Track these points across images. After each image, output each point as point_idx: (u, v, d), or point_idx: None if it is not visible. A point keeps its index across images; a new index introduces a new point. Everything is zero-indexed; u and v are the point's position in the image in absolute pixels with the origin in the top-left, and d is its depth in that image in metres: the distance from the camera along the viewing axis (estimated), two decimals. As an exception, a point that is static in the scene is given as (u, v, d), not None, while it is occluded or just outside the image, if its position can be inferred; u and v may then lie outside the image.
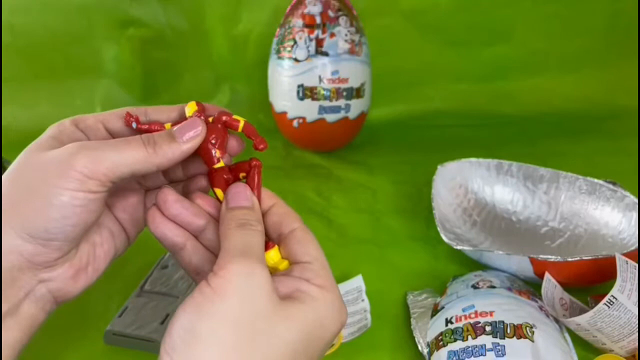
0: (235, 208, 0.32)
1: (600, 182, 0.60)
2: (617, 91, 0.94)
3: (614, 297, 0.43)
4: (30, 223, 0.30)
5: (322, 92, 0.78)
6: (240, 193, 0.33)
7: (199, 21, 0.94)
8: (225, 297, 0.27)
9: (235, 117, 0.35)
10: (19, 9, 0.93)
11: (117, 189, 0.36)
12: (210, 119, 0.34)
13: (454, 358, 0.44)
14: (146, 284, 0.57)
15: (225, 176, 0.34)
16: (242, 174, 0.34)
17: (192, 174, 0.37)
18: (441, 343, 0.46)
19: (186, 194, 0.36)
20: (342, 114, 0.80)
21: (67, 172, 0.29)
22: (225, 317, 0.27)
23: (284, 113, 0.82)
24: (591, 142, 0.85)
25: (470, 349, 0.44)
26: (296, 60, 0.77)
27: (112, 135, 0.35)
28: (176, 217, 0.33)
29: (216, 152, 0.33)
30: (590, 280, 0.52)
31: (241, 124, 0.34)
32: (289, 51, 0.77)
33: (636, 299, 0.44)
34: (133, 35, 0.95)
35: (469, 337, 0.45)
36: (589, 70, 0.96)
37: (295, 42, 0.77)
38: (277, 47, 0.80)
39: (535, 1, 0.92)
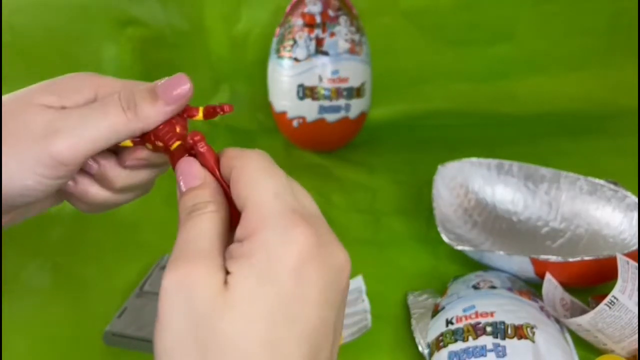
0: (186, 192, 0.27)
1: (601, 182, 0.60)
2: (618, 91, 0.94)
3: (615, 298, 0.43)
4: None
5: (322, 91, 0.78)
6: (188, 172, 0.27)
7: (199, 20, 0.94)
8: (165, 326, 0.23)
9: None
10: (18, 8, 0.93)
11: None
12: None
13: (455, 359, 0.44)
14: (146, 284, 0.57)
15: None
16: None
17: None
18: (442, 344, 0.46)
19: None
20: (342, 114, 0.80)
21: (39, 156, 0.27)
22: (173, 347, 0.23)
23: (284, 113, 0.82)
24: (592, 142, 0.84)
25: (470, 349, 0.44)
26: (296, 59, 0.77)
27: None
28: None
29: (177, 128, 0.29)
30: (591, 281, 0.52)
31: (200, 110, 0.31)
32: (289, 51, 0.77)
33: (637, 299, 0.44)
34: (132, 34, 0.95)
35: (470, 337, 0.45)
36: (590, 70, 0.96)
37: (295, 42, 0.77)
38: (277, 46, 0.79)
39: (536, 1, 0.92)
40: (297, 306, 0.23)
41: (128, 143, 0.30)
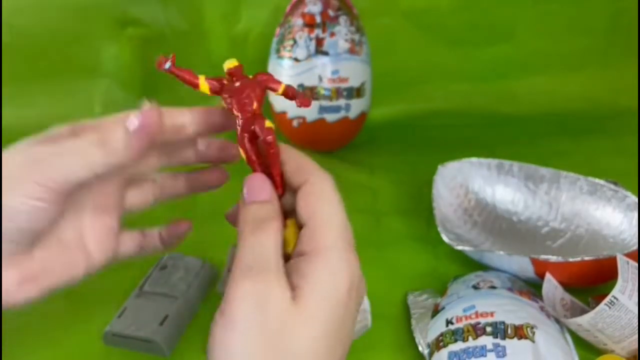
0: (252, 203, 0.29)
1: (601, 182, 0.60)
2: (618, 91, 0.94)
3: (615, 298, 0.43)
4: None
5: (322, 91, 0.78)
6: (257, 187, 0.30)
7: (199, 20, 0.94)
8: (235, 325, 0.25)
9: (276, 79, 0.32)
10: (18, 8, 0.93)
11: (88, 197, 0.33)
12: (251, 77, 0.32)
13: (455, 359, 0.44)
14: (145, 284, 0.57)
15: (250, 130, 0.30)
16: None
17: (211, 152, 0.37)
18: (442, 344, 0.46)
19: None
20: (342, 114, 0.80)
21: (20, 178, 0.28)
22: (238, 346, 0.25)
23: (284, 113, 0.82)
24: (592, 142, 0.84)
25: (470, 349, 0.44)
26: (296, 59, 0.77)
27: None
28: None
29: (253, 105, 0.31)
30: (591, 281, 0.52)
31: (282, 87, 0.32)
32: (289, 50, 0.77)
33: (637, 299, 0.44)
34: (132, 34, 0.95)
35: (470, 337, 0.45)
36: (591, 70, 0.96)
37: (295, 42, 0.77)
38: (277, 46, 0.79)
39: (536, 0, 0.92)
40: (345, 326, 0.27)
41: (205, 89, 0.32)
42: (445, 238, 0.57)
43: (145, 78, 0.99)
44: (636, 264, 0.46)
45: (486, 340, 0.44)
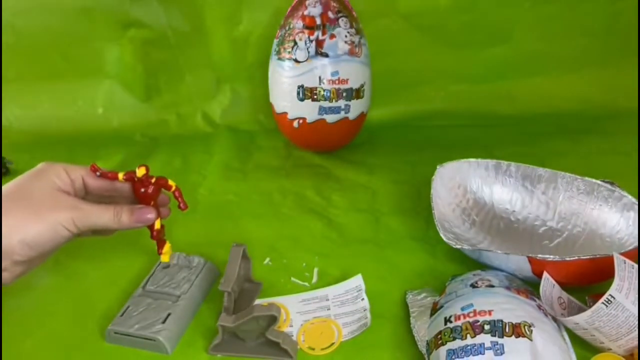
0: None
1: (598, 182, 0.60)
2: (615, 92, 0.95)
3: (612, 296, 0.43)
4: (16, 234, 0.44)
5: (322, 92, 0.78)
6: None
7: (200, 22, 0.95)
8: None
9: (170, 182, 0.51)
10: (20, 10, 0.93)
11: None
12: (153, 179, 0.50)
13: (453, 357, 0.44)
14: (148, 283, 0.57)
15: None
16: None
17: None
18: (440, 342, 0.46)
19: None
20: (342, 115, 0.80)
21: (61, 214, 0.46)
22: None
23: (285, 113, 0.82)
24: (590, 142, 0.85)
25: (469, 347, 0.44)
26: (296, 61, 0.77)
27: (86, 187, 0.50)
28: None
29: (156, 223, 0.51)
30: (589, 280, 0.52)
31: (173, 186, 0.51)
32: (289, 52, 0.78)
33: (634, 298, 0.44)
34: (134, 36, 0.95)
35: (468, 335, 0.45)
36: (588, 71, 0.96)
37: (296, 43, 0.77)
38: (278, 48, 0.80)
39: (534, 2, 0.92)
40: None
41: (121, 177, 0.50)
42: (443, 237, 0.57)
43: (146, 79, 0.99)
44: (632, 263, 0.46)
45: (484, 339, 0.44)
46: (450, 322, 0.47)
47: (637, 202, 0.57)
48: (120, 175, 0.49)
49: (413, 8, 0.92)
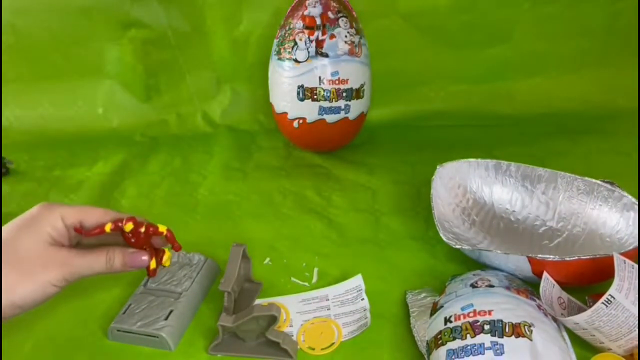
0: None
1: (598, 182, 0.60)
2: (615, 92, 0.95)
3: (612, 296, 0.43)
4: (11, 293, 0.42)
5: (322, 92, 0.78)
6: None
7: (200, 22, 0.95)
8: None
9: (160, 228, 0.48)
10: (20, 10, 0.93)
11: None
12: (142, 229, 0.47)
13: (453, 356, 0.44)
14: (149, 281, 0.57)
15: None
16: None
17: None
18: (440, 342, 0.46)
19: None
20: (342, 115, 0.80)
21: (51, 273, 0.43)
22: None
23: (285, 113, 0.82)
24: (590, 142, 0.85)
25: (469, 347, 0.44)
26: (296, 61, 0.78)
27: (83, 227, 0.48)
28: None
29: (151, 263, 0.48)
30: (588, 280, 0.52)
31: (164, 231, 0.48)
32: (290, 52, 0.78)
33: (634, 298, 0.44)
34: (135, 36, 0.95)
35: (468, 335, 0.45)
36: (588, 71, 0.96)
37: (296, 44, 0.77)
38: (278, 48, 0.80)
39: (534, 2, 0.92)
40: None
41: (108, 229, 0.46)
42: (443, 237, 0.57)
43: (146, 79, 0.99)
44: (633, 263, 0.46)
45: (484, 339, 0.44)
46: (450, 322, 0.47)
47: (637, 202, 0.57)
48: (108, 228, 0.46)
49: (413, 8, 0.92)
